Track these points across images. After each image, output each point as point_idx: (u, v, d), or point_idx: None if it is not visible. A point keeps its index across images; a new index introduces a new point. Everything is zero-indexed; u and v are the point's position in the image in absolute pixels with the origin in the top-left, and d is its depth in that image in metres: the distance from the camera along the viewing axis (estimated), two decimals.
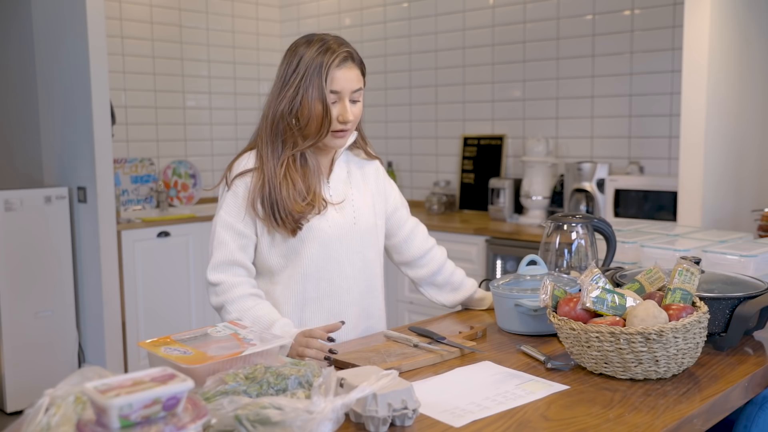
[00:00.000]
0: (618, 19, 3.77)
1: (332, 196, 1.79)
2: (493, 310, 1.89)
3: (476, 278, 3.62)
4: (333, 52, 1.68)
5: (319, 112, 1.68)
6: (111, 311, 3.84)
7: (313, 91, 1.68)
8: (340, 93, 1.69)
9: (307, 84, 1.68)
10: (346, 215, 1.79)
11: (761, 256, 1.94)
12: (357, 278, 1.81)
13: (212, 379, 1.14)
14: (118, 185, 4.29)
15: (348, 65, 1.70)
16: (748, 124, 3.11)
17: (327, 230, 1.74)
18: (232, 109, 5.17)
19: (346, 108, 1.70)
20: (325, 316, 1.77)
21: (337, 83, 1.68)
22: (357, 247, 1.80)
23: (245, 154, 1.79)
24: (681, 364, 1.39)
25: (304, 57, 1.69)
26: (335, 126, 1.71)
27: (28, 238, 3.70)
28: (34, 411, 0.97)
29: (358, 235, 1.80)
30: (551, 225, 1.98)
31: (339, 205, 1.78)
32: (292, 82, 1.70)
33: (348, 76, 1.69)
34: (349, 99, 1.71)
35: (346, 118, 1.70)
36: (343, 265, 1.78)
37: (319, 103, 1.68)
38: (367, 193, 1.86)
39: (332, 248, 1.76)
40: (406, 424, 1.17)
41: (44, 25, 3.98)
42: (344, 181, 1.83)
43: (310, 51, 1.69)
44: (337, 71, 1.68)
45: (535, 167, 3.89)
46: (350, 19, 5.00)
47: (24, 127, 4.20)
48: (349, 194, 1.82)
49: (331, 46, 1.70)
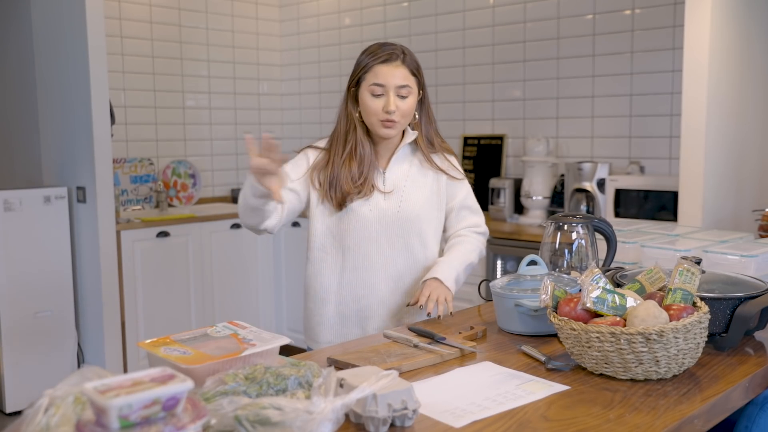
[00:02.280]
0: (618, 18, 3.76)
1: (384, 185, 2.01)
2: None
3: (476, 278, 3.63)
4: (383, 51, 1.93)
5: (368, 103, 1.93)
6: (110, 311, 3.83)
7: (364, 84, 1.94)
8: (385, 87, 1.91)
9: (362, 79, 1.95)
10: (392, 203, 2.01)
11: (762, 257, 1.94)
12: (395, 259, 2.01)
13: (212, 380, 1.14)
14: (117, 185, 4.28)
15: (394, 63, 1.92)
16: (748, 123, 3.11)
17: (367, 213, 1.98)
18: (232, 108, 5.17)
19: (390, 100, 1.91)
20: (361, 285, 2.00)
21: (381, 77, 1.91)
22: (398, 231, 2.01)
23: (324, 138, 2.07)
24: (681, 365, 1.39)
25: (362, 56, 1.97)
26: (381, 116, 1.92)
27: (27, 238, 3.69)
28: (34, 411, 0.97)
29: (400, 221, 2.00)
30: (551, 225, 1.98)
31: (388, 194, 2.00)
32: (354, 77, 1.98)
33: (393, 72, 1.91)
34: (396, 94, 1.92)
35: (389, 109, 1.90)
36: (382, 245, 2.00)
37: (368, 95, 1.93)
38: (425, 187, 2.05)
39: (372, 229, 1.99)
40: (406, 425, 1.17)
41: (43, 24, 3.97)
42: (402, 173, 2.04)
43: (367, 51, 1.97)
44: (382, 66, 1.92)
45: (536, 167, 3.89)
46: (350, 19, 5.00)
47: (23, 127, 4.20)
48: (401, 186, 2.02)
49: (385, 45, 1.95)
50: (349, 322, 2.03)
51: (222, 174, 5.13)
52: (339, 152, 1.98)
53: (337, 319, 2.03)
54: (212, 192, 5.07)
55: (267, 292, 4.66)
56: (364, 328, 2.01)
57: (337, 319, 2.03)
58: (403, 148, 2.04)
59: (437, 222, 2.09)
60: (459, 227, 2.12)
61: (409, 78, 1.94)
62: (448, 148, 2.13)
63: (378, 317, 2.02)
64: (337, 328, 2.02)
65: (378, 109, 1.92)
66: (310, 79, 5.26)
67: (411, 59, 1.96)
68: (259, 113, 5.34)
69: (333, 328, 2.03)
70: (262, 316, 4.63)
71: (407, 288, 2.04)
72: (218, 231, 4.30)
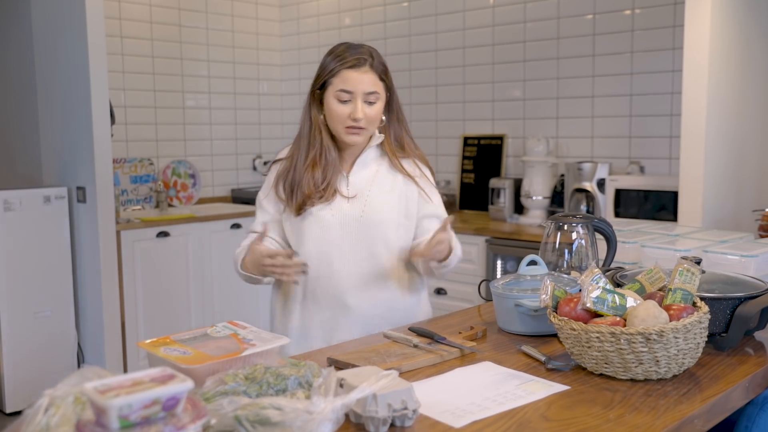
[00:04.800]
0: (618, 18, 3.76)
1: (348, 190, 1.92)
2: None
3: (476, 278, 3.64)
4: (351, 55, 1.85)
5: (334, 109, 1.86)
6: (110, 311, 3.83)
7: (331, 88, 1.87)
8: (353, 93, 1.84)
9: (327, 83, 1.88)
10: (355, 207, 1.91)
11: (762, 256, 1.94)
12: (360, 266, 1.91)
13: (212, 380, 1.14)
14: (117, 185, 4.28)
15: (362, 68, 1.85)
16: (748, 123, 3.11)
17: (329, 218, 1.90)
18: (232, 108, 5.16)
19: (357, 107, 1.84)
20: (324, 295, 1.91)
21: (348, 83, 1.84)
22: (362, 237, 1.90)
23: (286, 147, 2.01)
24: (681, 365, 1.39)
25: (328, 58, 1.89)
26: (347, 122, 1.85)
27: (27, 238, 3.69)
28: (34, 411, 0.97)
29: (363, 226, 1.91)
30: (551, 225, 1.98)
31: (351, 198, 1.91)
32: (319, 80, 1.90)
33: (361, 78, 1.84)
34: (364, 100, 1.84)
35: (356, 116, 1.84)
36: (345, 251, 1.90)
37: (335, 100, 1.86)
38: (392, 192, 1.95)
39: (334, 234, 1.90)
40: (406, 425, 1.17)
41: (44, 24, 3.97)
42: (366, 177, 1.95)
43: (334, 53, 1.88)
44: (350, 72, 1.84)
45: (536, 167, 3.89)
46: (350, 19, 5.00)
47: (23, 126, 4.20)
48: (366, 191, 1.93)
49: (353, 49, 1.88)
50: (312, 333, 1.91)
51: (222, 174, 5.13)
52: (302, 157, 1.90)
53: (302, 330, 1.93)
54: (212, 192, 5.07)
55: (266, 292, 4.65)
56: (329, 341, 1.87)
57: (302, 331, 1.92)
58: (370, 152, 1.95)
59: (405, 231, 1.95)
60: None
61: (377, 83, 1.87)
62: (422, 156, 2.02)
63: (343, 328, 1.90)
64: (302, 341, 1.89)
65: (344, 116, 1.85)
66: (310, 79, 5.15)
67: (379, 63, 1.89)
68: (259, 113, 5.34)
69: (298, 341, 1.89)
70: (262, 316, 4.63)
71: (375, 299, 1.92)
72: (218, 231, 4.29)
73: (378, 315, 1.91)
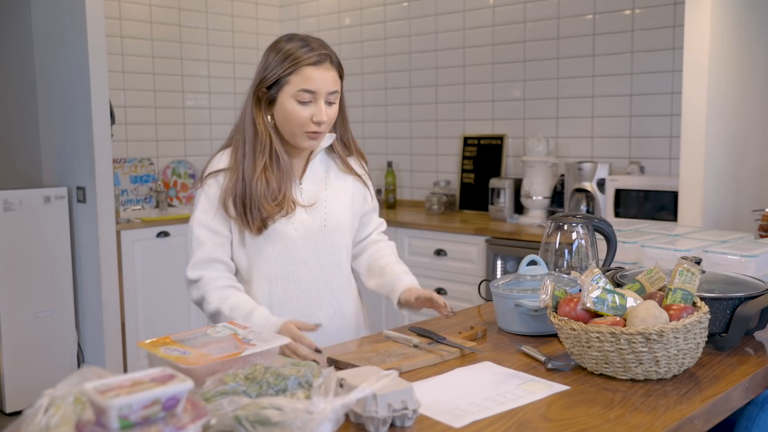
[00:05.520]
0: (618, 18, 3.76)
1: (303, 198, 1.77)
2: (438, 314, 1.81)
3: (476, 278, 3.64)
4: (310, 51, 1.67)
5: (293, 111, 1.68)
6: (110, 311, 3.83)
7: (288, 88, 1.68)
8: (316, 93, 1.67)
9: (282, 82, 1.68)
10: (317, 217, 1.78)
11: (762, 256, 1.94)
12: (328, 279, 1.80)
13: (212, 380, 1.14)
14: (117, 185, 4.28)
15: (325, 66, 1.68)
16: (748, 123, 3.11)
17: (292, 233, 1.74)
18: (232, 108, 5.16)
19: (321, 109, 1.68)
20: (296, 317, 1.73)
21: (312, 82, 1.66)
22: (327, 248, 1.79)
23: (219, 153, 1.79)
24: (681, 365, 1.39)
25: (281, 54, 1.68)
26: (309, 127, 1.69)
27: (27, 238, 3.69)
28: (34, 411, 0.97)
29: (327, 236, 1.79)
30: (551, 225, 1.98)
31: (310, 207, 1.77)
32: (268, 78, 1.70)
33: (325, 76, 1.68)
34: (325, 100, 1.69)
35: (320, 119, 1.68)
36: (312, 267, 1.78)
37: (293, 102, 1.68)
38: (346, 194, 1.84)
39: (298, 250, 1.76)
40: (406, 425, 1.17)
41: (44, 24, 3.97)
42: (319, 182, 1.81)
43: (288, 49, 1.68)
44: (313, 70, 1.67)
45: (536, 167, 3.89)
46: (350, 19, 5.00)
47: (23, 126, 4.20)
48: (322, 195, 1.80)
49: (309, 44, 1.69)
50: None
51: None
52: (249, 166, 1.69)
53: None
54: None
55: None
56: None
57: None
58: (320, 154, 1.82)
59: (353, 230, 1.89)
60: (369, 230, 1.96)
61: (338, 82, 1.72)
62: (360, 151, 1.91)
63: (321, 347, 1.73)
64: None
65: (305, 119, 1.67)
66: None
67: (336, 58, 1.73)
68: None
69: None
70: None
71: (344, 311, 1.83)
72: None
73: (347, 325, 1.84)
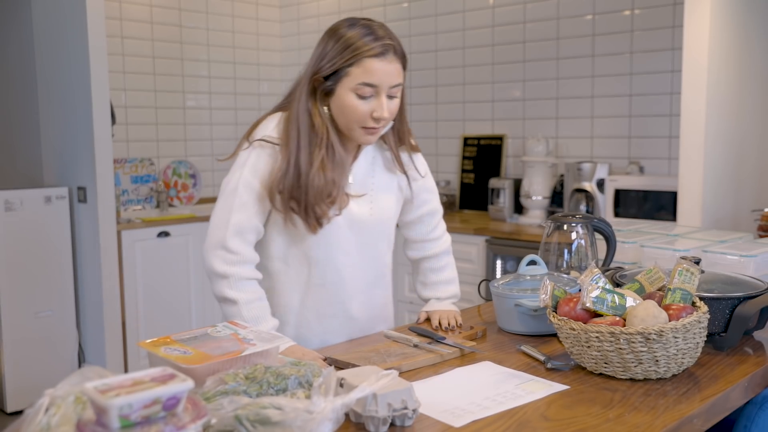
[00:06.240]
0: (618, 19, 3.77)
1: (352, 187, 1.69)
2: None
3: (476, 278, 3.64)
4: (374, 40, 1.53)
5: (352, 105, 1.56)
6: (111, 311, 3.84)
7: (347, 80, 1.55)
8: (378, 87, 1.55)
9: (341, 73, 1.55)
10: (362, 206, 1.70)
11: (761, 256, 1.94)
12: (366, 268, 1.76)
13: (212, 379, 1.14)
14: (118, 185, 4.29)
15: (389, 57, 1.55)
16: (748, 123, 3.11)
17: (338, 221, 1.67)
18: (232, 109, 5.17)
19: (383, 104, 1.56)
20: (328, 303, 1.72)
21: (374, 76, 1.54)
22: (369, 238, 1.74)
23: (269, 118, 1.66)
24: (681, 364, 1.39)
25: (341, 42, 1.55)
26: (367, 122, 1.58)
27: (28, 238, 3.69)
28: (34, 411, 0.97)
29: (371, 226, 1.73)
30: (551, 225, 1.98)
31: (358, 197, 1.69)
32: (326, 68, 1.57)
33: (388, 69, 1.54)
34: (387, 94, 1.57)
35: (381, 115, 1.57)
36: (352, 255, 1.71)
37: (353, 95, 1.56)
38: (391, 185, 1.76)
39: (343, 237, 1.68)
40: (406, 424, 1.17)
41: (44, 25, 3.98)
42: (367, 171, 1.72)
43: (350, 37, 1.54)
44: (376, 62, 1.53)
45: (535, 167, 3.89)
46: None
47: (24, 127, 4.20)
48: (369, 183, 1.72)
49: (374, 31, 1.55)
50: (308, 345, 1.71)
51: (222, 174, 5.09)
52: (305, 160, 1.58)
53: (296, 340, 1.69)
54: (213, 192, 5.06)
55: None
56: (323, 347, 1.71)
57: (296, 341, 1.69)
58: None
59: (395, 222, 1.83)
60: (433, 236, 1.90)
61: (401, 74, 1.59)
62: (414, 144, 1.81)
63: (341, 336, 1.76)
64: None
65: (364, 114, 1.56)
66: None
67: (400, 47, 1.60)
68: (259, 113, 5.28)
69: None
70: None
71: (374, 302, 1.80)
72: None
73: (374, 317, 1.83)
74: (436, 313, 1.84)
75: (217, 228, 1.63)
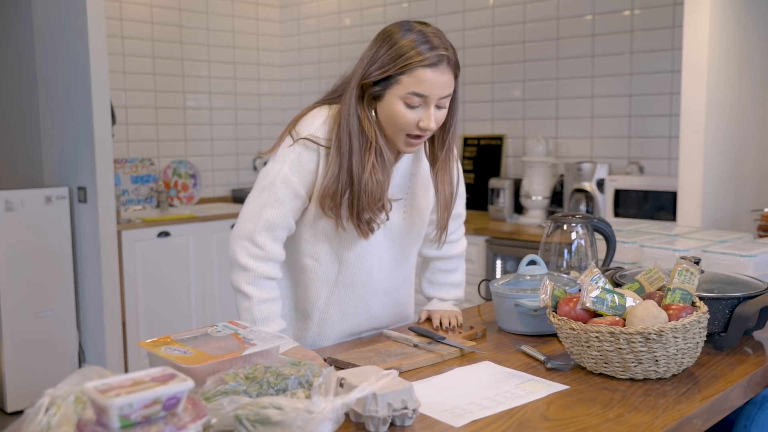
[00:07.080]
0: (618, 19, 3.77)
1: (392, 191, 1.66)
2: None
3: (476, 278, 3.64)
4: (429, 49, 1.51)
5: (399, 113, 1.53)
6: (111, 311, 3.84)
7: (397, 88, 1.52)
8: (427, 98, 1.52)
9: (392, 81, 1.52)
10: (398, 211, 1.69)
11: (761, 256, 1.94)
12: (394, 270, 1.76)
13: (212, 379, 1.14)
14: (118, 185, 4.29)
15: (442, 68, 1.52)
16: (747, 124, 3.11)
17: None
18: (232, 109, 5.17)
19: (430, 115, 1.53)
20: (353, 302, 1.73)
21: (425, 86, 1.51)
22: (401, 241, 1.73)
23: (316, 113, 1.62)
24: (681, 364, 1.39)
25: (394, 49, 1.52)
26: (412, 131, 1.55)
27: (28, 238, 3.70)
28: (35, 411, 0.97)
29: (405, 230, 1.72)
30: (551, 225, 1.98)
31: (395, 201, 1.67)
32: (375, 74, 1.53)
33: (440, 80, 1.52)
34: (436, 104, 1.55)
35: (428, 126, 1.54)
36: (383, 257, 1.71)
37: (401, 104, 1.53)
38: (428, 192, 1.74)
39: (377, 241, 1.68)
40: (406, 424, 1.17)
41: (44, 25, 3.98)
42: (405, 174, 1.70)
43: (403, 44, 1.51)
44: (429, 72, 1.50)
45: (535, 167, 3.89)
46: (350, 20, 5.00)
47: (24, 127, 4.20)
48: (405, 187, 1.70)
49: (429, 40, 1.52)
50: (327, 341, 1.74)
51: (222, 174, 5.14)
52: (358, 165, 1.55)
53: (316, 338, 1.73)
54: (213, 192, 5.07)
55: None
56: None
57: (315, 338, 1.74)
58: None
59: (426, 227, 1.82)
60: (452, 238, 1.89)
61: (452, 84, 1.57)
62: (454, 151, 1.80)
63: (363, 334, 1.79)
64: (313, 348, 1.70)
65: (411, 123, 1.53)
66: (310, 79, 5.26)
67: (454, 56, 1.58)
68: (259, 113, 5.35)
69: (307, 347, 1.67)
70: None
71: (396, 303, 1.82)
72: (219, 231, 4.30)
73: (395, 315, 1.84)
74: (437, 312, 1.85)
75: (248, 219, 1.62)
